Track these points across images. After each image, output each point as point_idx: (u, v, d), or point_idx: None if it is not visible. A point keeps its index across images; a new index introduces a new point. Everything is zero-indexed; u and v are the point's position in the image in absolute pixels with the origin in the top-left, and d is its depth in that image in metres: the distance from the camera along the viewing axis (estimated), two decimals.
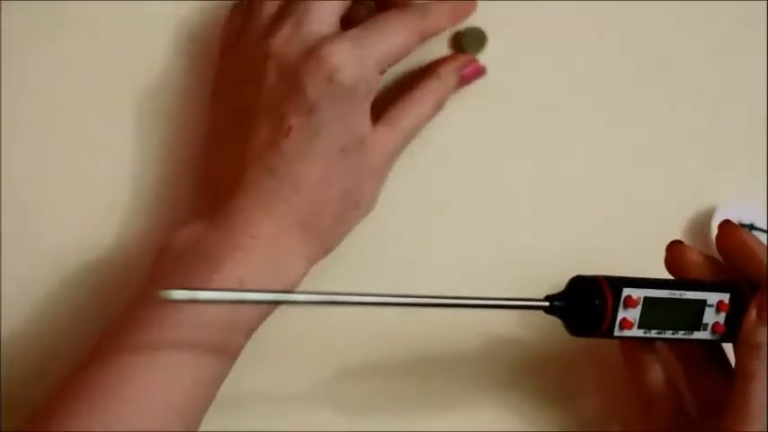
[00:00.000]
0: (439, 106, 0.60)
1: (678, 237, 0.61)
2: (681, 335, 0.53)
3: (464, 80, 0.61)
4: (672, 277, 0.55)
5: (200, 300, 0.47)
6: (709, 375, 0.55)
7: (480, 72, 0.62)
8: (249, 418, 0.58)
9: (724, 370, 0.55)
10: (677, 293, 0.53)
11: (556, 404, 0.60)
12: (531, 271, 0.61)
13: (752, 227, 0.61)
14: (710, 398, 0.55)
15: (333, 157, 0.54)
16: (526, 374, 0.60)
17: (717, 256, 0.55)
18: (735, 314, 0.53)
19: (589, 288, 0.52)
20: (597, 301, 0.52)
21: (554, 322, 0.53)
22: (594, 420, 0.60)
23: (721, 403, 0.52)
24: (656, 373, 0.55)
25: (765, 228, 0.61)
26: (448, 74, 0.60)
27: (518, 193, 0.63)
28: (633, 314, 0.52)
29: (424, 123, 0.59)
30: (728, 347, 0.55)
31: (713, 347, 0.55)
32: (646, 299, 0.52)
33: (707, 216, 0.62)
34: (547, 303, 0.52)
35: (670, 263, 0.55)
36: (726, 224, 0.55)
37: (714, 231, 0.59)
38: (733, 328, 0.53)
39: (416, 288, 0.50)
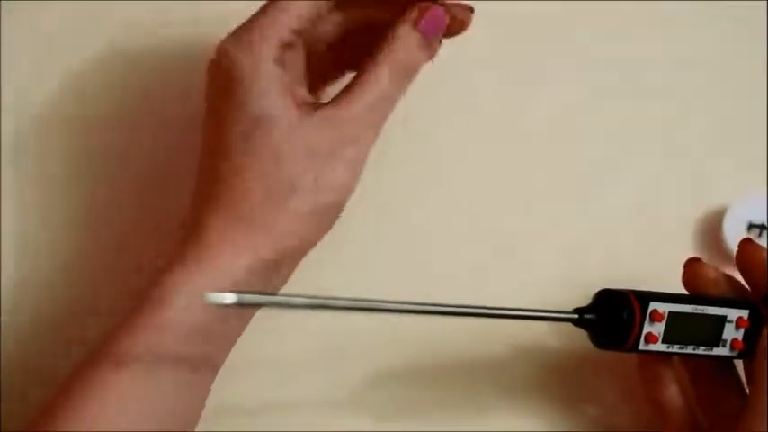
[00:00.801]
0: (400, 74, 0.54)
1: (689, 237, 0.63)
2: (701, 350, 0.54)
3: (427, 34, 0.54)
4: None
5: (246, 303, 0.47)
6: (718, 386, 0.56)
7: (440, 18, 0.54)
8: (272, 421, 0.58)
9: (733, 380, 0.56)
10: (700, 309, 0.54)
11: (579, 410, 0.61)
12: (544, 275, 0.62)
13: (763, 226, 0.62)
14: (719, 408, 0.56)
15: (237, 145, 0.52)
16: (550, 380, 0.61)
17: (728, 254, 0.57)
18: (753, 331, 0.54)
19: (618, 302, 0.53)
20: (626, 315, 0.52)
21: (578, 331, 0.53)
22: (617, 427, 0.61)
23: (730, 414, 0.54)
24: (672, 387, 0.56)
25: None
26: (402, 34, 0.53)
27: (528, 199, 0.64)
28: (658, 329, 0.53)
29: (386, 97, 0.53)
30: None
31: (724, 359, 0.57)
32: (670, 313, 0.53)
33: (718, 216, 0.63)
34: (576, 316, 0.52)
35: (687, 280, 0.56)
36: (746, 242, 0.56)
37: (726, 231, 0.62)
38: (751, 344, 0.54)
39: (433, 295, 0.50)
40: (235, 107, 0.52)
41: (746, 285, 0.56)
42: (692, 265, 0.56)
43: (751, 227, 0.62)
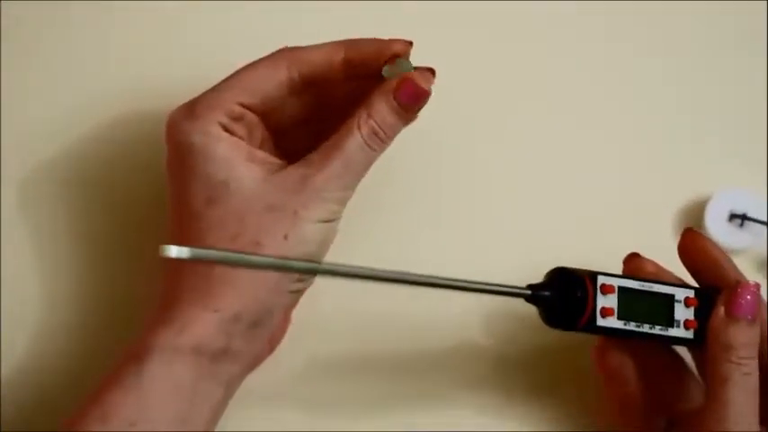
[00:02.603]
0: (374, 142, 0.54)
1: (672, 226, 0.64)
2: (658, 330, 0.54)
3: (406, 105, 0.54)
4: None
5: (203, 257, 0.47)
6: (678, 382, 0.57)
7: (419, 89, 0.54)
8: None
9: (692, 376, 0.57)
10: (647, 285, 0.54)
11: (530, 402, 0.61)
12: (525, 263, 0.60)
13: (744, 216, 0.62)
14: (680, 405, 0.57)
15: (202, 211, 0.53)
16: (501, 372, 0.61)
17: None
18: (703, 314, 0.54)
19: (570, 278, 0.53)
20: (579, 292, 0.53)
21: (531, 322, 0.54)
22: (572, 417, 0.61)
23: (691, 409, 0.55)
24: (629, 375, 0.56)
25: (759, 218, 0.62)
26: (380, 103, 0.54)
27: (512, 186, 0.64)
28: (612, 301, 0.53)
29: (358, 162, 0.54)
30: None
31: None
32: (620, 288, 0.53)
33: (701, 205, 0.63)
34: (529, 292, 0.53)
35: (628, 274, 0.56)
36: (688, 232, 0.56)
37: (708, 220, 0.62)
38: (702, 324, 0.54)
39: None
40: (195, 175, 0.53)
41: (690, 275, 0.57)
42: (631, 261, 0.57)
43: (732, 216, 0.62)
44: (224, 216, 0.53)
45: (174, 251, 0.45)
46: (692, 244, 0.56)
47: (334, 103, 0.56)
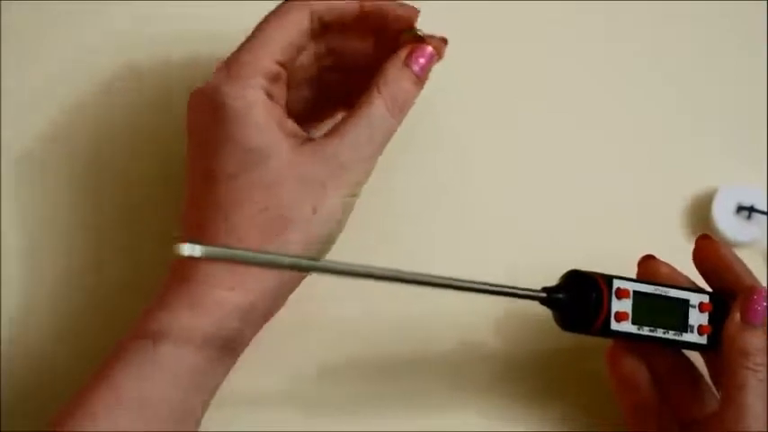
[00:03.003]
0: (394, 110, 0.54)
1: (679, 218, 0.63)
2: (672, 335, 0.54)
3: (419, 72, 0.55)
4: None
5: (218, 256, 0.46)
6: (690, 388, 0.56)
7: (430, 55, 0.55)
8: (223, 418, 0.57)
9: (703, 382, 0.57)
10: (662, 290, 0.54)
11: (537, 404, 0.60)
12: (533, 261, 0.61)
13: (752, 209, 0.62)
14: (692, 411, 0.56)
15: (229, 180, 0.52)
16: (506, 376, 0.61)
17: (717, 236, 0.58)
18: (716, 317, 0.54)
19: (585, 281, 0.53)
20: (594, 296, 0.52)
21: (535, 326, 0.55)
22: (581, 419, 0.61)
23: (703, 415, 0.55)
24: (642, 380, 0.56)
25: (765, 210, 0.62)
26: (395, 71, 0.54)
27: (520, 184, 0.64)
28: (626, 306, 0.53)
29: (379, 131, 0.54)
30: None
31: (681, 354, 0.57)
32: (635, 292, 0.53)
33: (708, 198, 0.63)
34: (544, 294, 0.52)
35: (642, 276, 0.56)
36: (703, 238, 0.56)
37: (715, 213, 0.62)
38: (717, 330, 0.54)
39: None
40: (226, 141, 0.52)
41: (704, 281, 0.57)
42: (645, 263, 0.56)
43: (740, 209, 0.62)
44: (252, 186, 0.51)
45: (186, 249, 0.44)
46: (707, 249, 0.56)
47: (342, 61, 0.57)
